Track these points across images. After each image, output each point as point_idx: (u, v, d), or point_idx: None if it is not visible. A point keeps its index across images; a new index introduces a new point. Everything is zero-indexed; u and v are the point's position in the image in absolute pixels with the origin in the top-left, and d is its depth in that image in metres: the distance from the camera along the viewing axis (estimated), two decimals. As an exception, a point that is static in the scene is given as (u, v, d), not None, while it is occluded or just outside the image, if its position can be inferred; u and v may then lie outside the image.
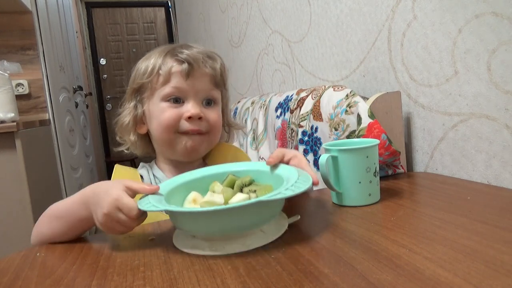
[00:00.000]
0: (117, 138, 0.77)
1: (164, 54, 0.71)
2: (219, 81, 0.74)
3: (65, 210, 0.57)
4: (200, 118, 0.69)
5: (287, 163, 0.59)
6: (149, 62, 0.71)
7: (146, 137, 0.77)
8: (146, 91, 0.72)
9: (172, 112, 0.68)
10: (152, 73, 0.70)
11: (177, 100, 0.69)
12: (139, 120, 0.74)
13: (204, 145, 0.72)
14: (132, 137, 0.74)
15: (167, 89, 0.69)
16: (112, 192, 0.51)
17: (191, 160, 0.74)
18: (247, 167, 0.61)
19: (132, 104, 0.74)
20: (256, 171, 0.60)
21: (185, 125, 0.69)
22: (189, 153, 0.71)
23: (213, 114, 0.72)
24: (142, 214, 0.51)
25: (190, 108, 0.68)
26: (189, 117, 0.68)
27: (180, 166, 0.74)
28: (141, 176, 0.74)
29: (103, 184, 0.55)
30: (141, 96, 0.73)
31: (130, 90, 0.74)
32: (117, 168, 0.74)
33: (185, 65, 0.68)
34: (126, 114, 0.74)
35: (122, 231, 0.52)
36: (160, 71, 0.69)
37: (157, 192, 0.53)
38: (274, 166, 0.58)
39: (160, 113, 0.69)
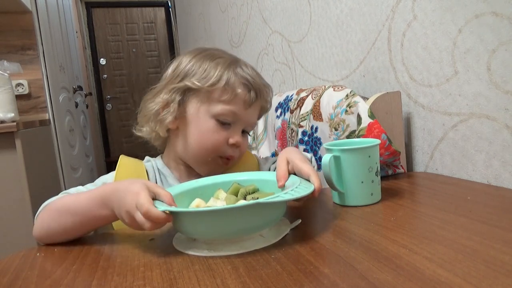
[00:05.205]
0: (138, 125, 0.73)
1: (228, 68, 0.68)
2: (265, 112, 0.77)
3: (80, 207, 0.55)
4: (238, 146, 0.70)
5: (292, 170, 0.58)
6: (210, 69, 0.68)
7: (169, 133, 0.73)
8: (199, 95, 0.68)
9: (220, 136, 0.68)
10: (215, 84, 0.67)
11: (226, 121, 0.68)
12: (177, 116, 0.70)
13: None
14: (163, 130, 0.70)
15: (225, 111, 0.67)
16: (133, 188, 0.49)
17: None
18: (252, 177, 0.62)
19: (177, 98, 0.69)
20: (261, 180, 0.61)
21: (227, 150, 0.69)
22: (210, 174, 0.69)
23: (246, 143, 0.74)
24: (162, 218, 0.47)
25: (235, 135, 0.69)
26: (233, 144, 0.69)
27: (191, 169, 0.73)
28: (146, 170, 0.73)
29: (124, 182, 0.54)
30: (190, 97, 0.69)
31: (180, 85, 0.69)
32: (122, 159, 0.73)
33: (253, 94, 0.69)
34: (169, 107, 0.69)
35: (144, 228, 0.49)
36: (227, 86, 0.67)
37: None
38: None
39: (207, 131, 0.68)
